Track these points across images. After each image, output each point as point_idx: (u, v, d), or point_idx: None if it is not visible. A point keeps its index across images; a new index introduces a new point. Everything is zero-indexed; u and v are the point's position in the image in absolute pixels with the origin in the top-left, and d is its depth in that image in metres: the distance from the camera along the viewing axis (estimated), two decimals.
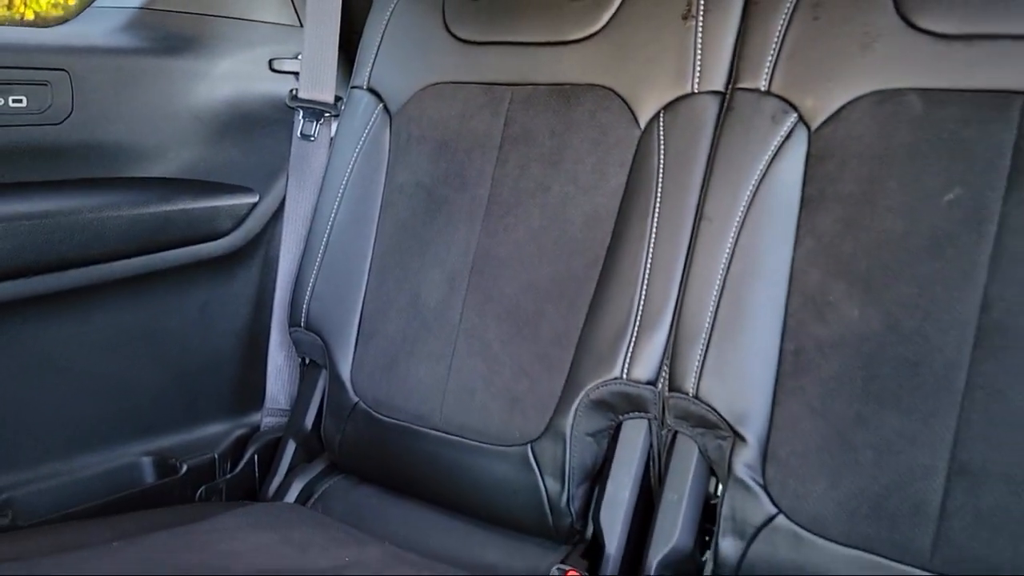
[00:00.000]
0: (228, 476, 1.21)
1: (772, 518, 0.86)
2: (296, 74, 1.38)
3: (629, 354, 0.96)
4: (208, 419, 1.28)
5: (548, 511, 0.99)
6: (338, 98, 1.33)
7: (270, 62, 1.40)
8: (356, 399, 1.15)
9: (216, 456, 1.21)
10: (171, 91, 1.26)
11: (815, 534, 0.84)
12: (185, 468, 1.18)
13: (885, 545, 0.81)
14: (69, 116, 1.14)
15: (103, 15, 1.29)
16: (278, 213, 1.34)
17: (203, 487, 1.19)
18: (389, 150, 1.20)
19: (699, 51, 1.00)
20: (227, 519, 1.03)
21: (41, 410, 1.10)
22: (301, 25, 1.41)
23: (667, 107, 1.01)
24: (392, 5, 1.25)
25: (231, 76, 1.33)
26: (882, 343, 0.84)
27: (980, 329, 0.80)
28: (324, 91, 1.33)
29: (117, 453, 1.16)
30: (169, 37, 1.29)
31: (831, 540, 0.83)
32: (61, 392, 1.12)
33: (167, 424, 1.23)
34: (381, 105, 1.22)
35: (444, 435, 1.06)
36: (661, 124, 1.00)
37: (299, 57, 1.38)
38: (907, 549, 0.80)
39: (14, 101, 1.09)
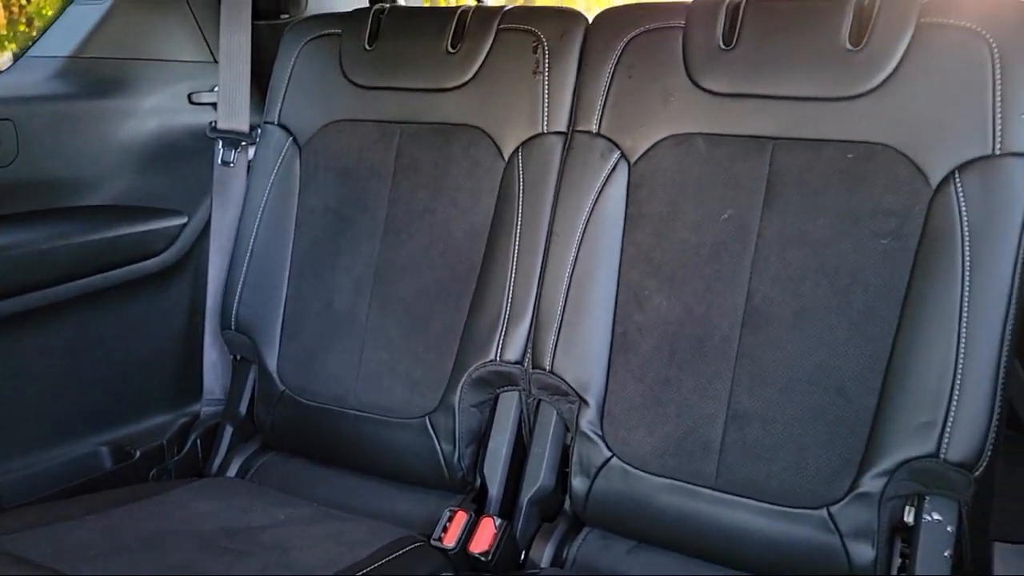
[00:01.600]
0: (176, 458, 1.43)
1: (608, 460, 1.15)
2: (214, 105, 1.58)
3: (501, 341, 1.23)
4: (155, 411, 1.49)
5: (444, 468, 1.26)
6: (253, 127, 1.54)
7: (189, 96, 1.59)
8: (283, 388, 1.38)
9: (164, 442, 1.43)
10: (104, 129, 1.45)
11: (638, 469, 1.14)
12: (138, 454, 1.39)
13: (685, 473, 1.11)
14: (15, 159, 1.32)
15: (37, 64, 1.46)
16: (204, 231, 1.54)
17: (154, 469, 1.41)
18: (300, 177, 1.43)
19: (546, 100, 1.26)
20: (178, 493, 1.26)
21: (15, 410, 1.30)
22: (215, 61, 1.61)
23: (524, 144, 1.27)
24: (297, 51, 1.46)
25: (156, 111, 1.53)
26: (681, 324, 1.14)
27: (746, 313, 1.10)
28: (240, 122, 1.54)
29: (80, 444, 1.37)
30: (98, 81, 1.47)
31: (649, 472, 1.13)
32: (31, 394, 1.32)
33: (120, 417, 1.43)
34: (291, 138, 1.44)
35: (358, 413, 1.31)
36: (520, 158, 1.27)
37: (215, 89, 1.58)
38: (699, 474, 1.10)
39: None
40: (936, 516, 0.99)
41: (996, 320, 0.97)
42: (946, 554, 0.98)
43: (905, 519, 1.01)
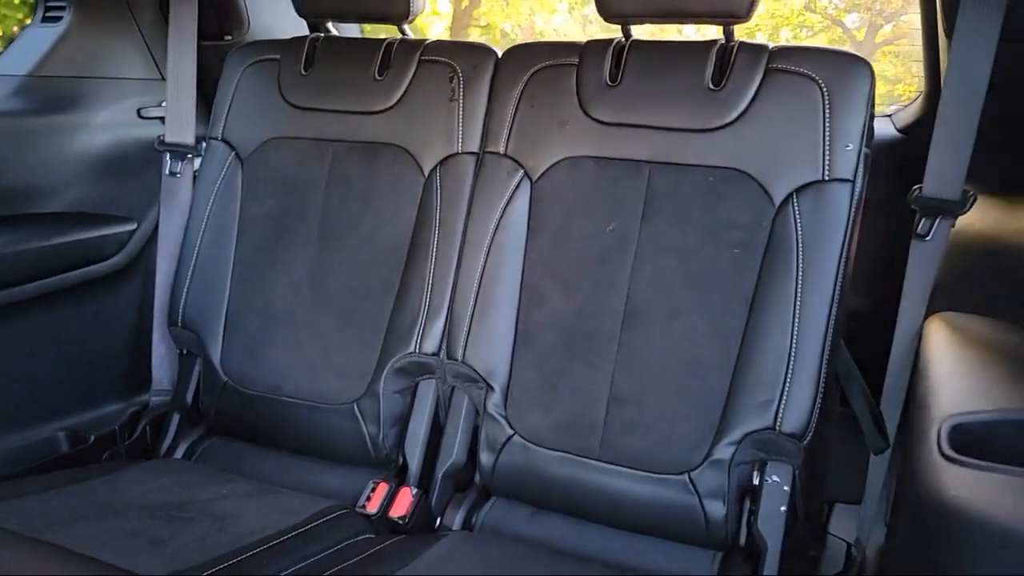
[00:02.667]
0: (127, 442, 1.57)
1: (510, 437, 1.34)
2: (162, 119, 1.72)
3: (420, 335, 1.40)
4: (108, 400, 1.63)
5: (370, 447, 1.43)
6: (199, 139, 1.68)
7: (138, 111, 1.73)
8: (226, 379, 1.53)
9: (116, 428, 1.57)
10: (59, 142, 1.59)
11: (536, 445, 1.32)
12: (92, 438, 1.53)
13: (575, 447, 1.30)
14: None
15: None
16: (153, 236, 1.68)
17: (107, 452, 1.55)
18: (241, 188, 1.58)
19: (461, 124, 1.44)
20: (131, 471, 1.41)
21: None
22: (163, 78, 1.75)
23: (442, 162, 1.44)
24: (239, 73, 1.61)
25: (107, 126, 1.67)
26: (573, 321, 1.32)
27: (626, 312, 1.30)
28: (186, 135, 1.69)
29: (39, 430, 1.51)
30: (54, 97, 1.61)
31: (545, 447, 1.31)
32: None
33: (76, 406, 1.57)
34: (234, 153, 1.59)
35: (293, 400, 1.47)
36: (438, 174, 1.44)
37: (163, 104, 1.72)
38: (586, 448, 1.29)
39: None
40: (775, 478, 1.20)
41: (822, 315, 1.18)
42: (782, 509, 1.19)
43: (753, 482, 1.22)
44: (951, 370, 0.97)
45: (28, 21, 1.71)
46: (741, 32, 1.35)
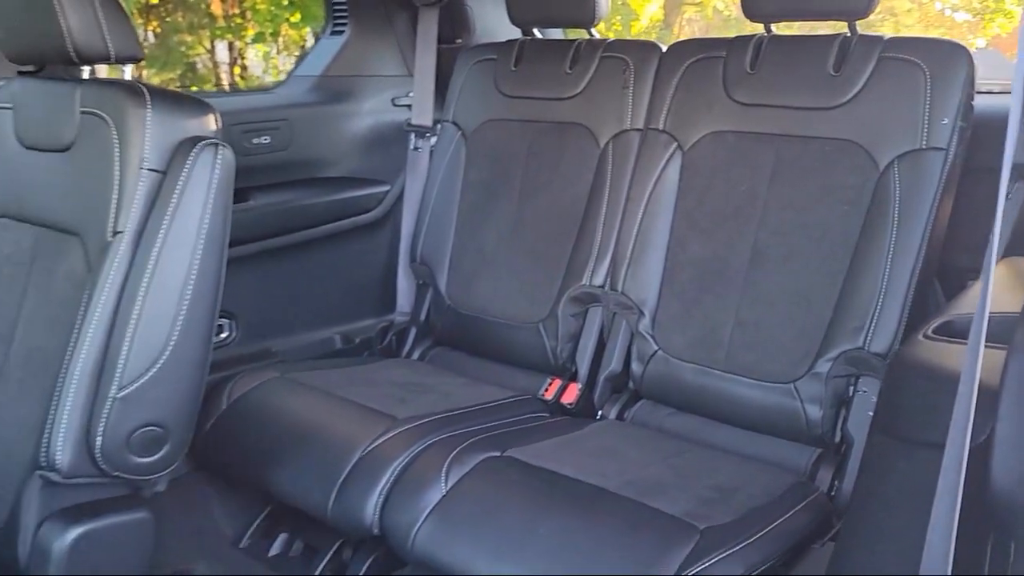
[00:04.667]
0: (379, 347, 2.14)
1: (655, 352, 1.71)
2: (409, 106, 2.26)
3: (591, 272, 1.81)
4: (366, 316, 2.20)
5: (550, 356, 1.86)
6: (435, 122, 2.20)
7: (392, 100, 2.28)
8: (449, 302, 2.04)
9: (373, 335, 2.14)
10: (339, 125, 2.17)
11: (675, 358, 1.69)
12: (357, 340, 2.11)
13: (705, 360, 1.65)
14: (289, 145, 2.06)
15: (299, 82, 2.21)
16: (400, 196, 2.23)
17: (366, 352, 2.12)
18: (464, 159, 2.07)
19: (630, 106, 1.82)
20: (383, 363, 1.97)
21: (289, 309, 2.05)
22: (411, 75, 2.28)
23: (614, 137, 1.84)
24: (466, 70, 2.10)
25: (371, 112, 2.23)
26: (709, 262, 1.67)
27: (751, 255, 1.62)
28: (426, 118, 2.21)
29: (321, 332, 2.11)
30: (336, 92, 2.19)
31: (682, 360, 1.67)
32: (291, 297, 2.06)
33: (345, 319, 2.16)
34: (460, 132, 2.09)
35: (495, 319, 1.94)
36: (611, 147, 1.84)
37: (410, 95, 2.26)
38: (714, 361, 1.63)
39: (264, 139, 2.01)
40: (864, 389, 1.48)
41: (909, 261, 1.44)
42: (869, 414, 1.46)
43: (848, 393, 1.50)
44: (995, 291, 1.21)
45: (294, 19, 2.31)
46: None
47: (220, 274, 1.23)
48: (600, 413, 1.78)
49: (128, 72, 1.86)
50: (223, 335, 1.94)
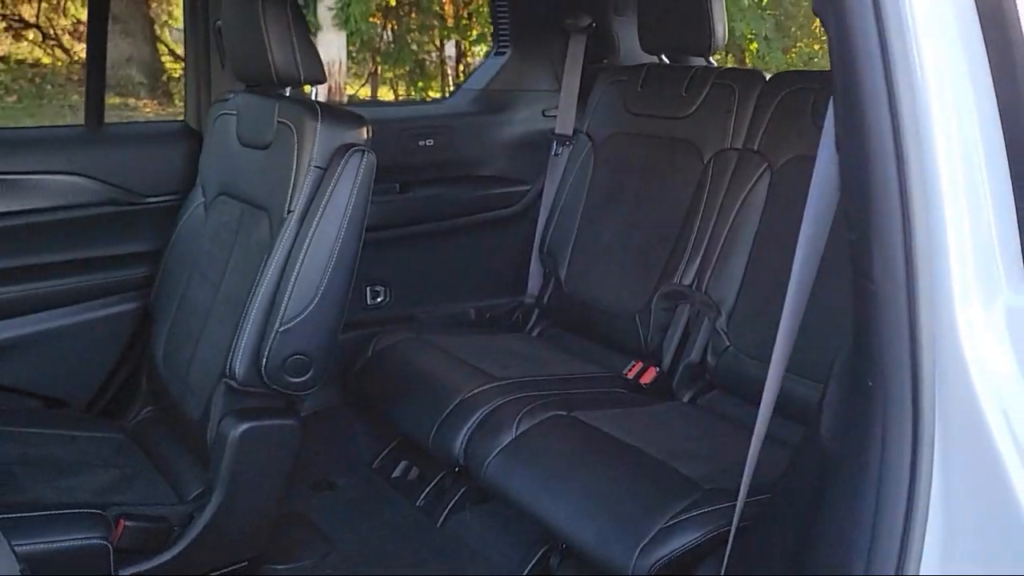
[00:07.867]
0: (508, 322, 2.50)
1: (728, 347, 1.93)
2: (554, 117, 2.59)
3: (681, 272, 2.06)
4: (500, 296, 2.57)
5: (642, 344, 2.12)
6: (575, 132, 2.52)
7: (543, 111, 2.63)
8: (566, 290, 2.36)
9: (502, 313, 2.51)
10: (494, 132, 2.55)
11: (744, 355, 1.89)
12: (488, 315, 2.49)
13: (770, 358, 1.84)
14: (449, 147, 2.47)
15: (465, 93, 2.62)
16: (537, 195, 2.57)
17: (494, 327, 2.50)
18: (592, 166, 2.37)
19: (732, 127, 2.04)
20: (508, 336, 2.33)
21: (430, 285, 2.47)
22: (559, 90, 2.61)
23: (715, 154, 2.06)
24: (602, 88, 2.40)
25: (522, 121, 2.59)
26: (778, 274, 1.85)
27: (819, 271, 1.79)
28: (568, 128, 2.54)
29: (457, 306, 2.51)
30: (494, 104, 2.58)
31: (751, 357, 1.88)
32: (436, 274, 2.48)
33: (480, 297, 2.54)
34: (591, 143, 2.39)
35: (600, 307, 2.23)
36: (712, 163, 2.07)
37: (556, 107, 2.59)
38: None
39: (428, 142, 2.43)
40: None
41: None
42: None
43: None
44: None
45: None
46: None
47: (357, 247, 1.63)
48: (675, 396, 2.03)
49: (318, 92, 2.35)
50: (379, 299, 2.40)
